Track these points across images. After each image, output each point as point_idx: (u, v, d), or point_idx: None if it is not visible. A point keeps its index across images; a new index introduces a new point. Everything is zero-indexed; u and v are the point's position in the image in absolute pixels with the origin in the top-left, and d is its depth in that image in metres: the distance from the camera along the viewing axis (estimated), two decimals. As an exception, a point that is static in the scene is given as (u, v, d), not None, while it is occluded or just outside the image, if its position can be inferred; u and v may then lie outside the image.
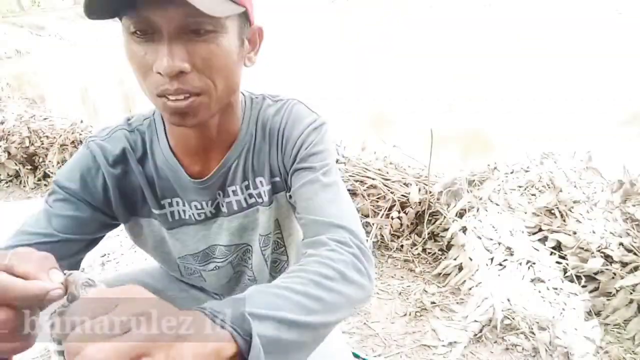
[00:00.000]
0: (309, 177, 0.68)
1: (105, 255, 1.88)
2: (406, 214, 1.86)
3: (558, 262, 1.56)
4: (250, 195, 0.75)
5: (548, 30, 12.05)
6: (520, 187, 1.86)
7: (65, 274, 0.41)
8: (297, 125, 0.71)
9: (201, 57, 0.55)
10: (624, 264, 1.48)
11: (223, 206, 0.75)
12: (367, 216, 1.89)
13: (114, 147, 0.70)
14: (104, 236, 0.74)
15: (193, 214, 0.75)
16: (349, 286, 0.56)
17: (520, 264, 1.58)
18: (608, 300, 1.44)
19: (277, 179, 0.74)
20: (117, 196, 0.70)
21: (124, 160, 0.70)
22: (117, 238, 2.00)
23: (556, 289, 1.52)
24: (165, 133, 0.71)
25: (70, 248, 0.65)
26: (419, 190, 1.89)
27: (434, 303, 1.54)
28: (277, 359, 0.44)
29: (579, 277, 1.52)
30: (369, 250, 0.63)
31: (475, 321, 1.42)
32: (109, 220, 0.72)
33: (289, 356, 0.47)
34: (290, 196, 0.74)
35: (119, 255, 1.82)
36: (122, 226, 0.77)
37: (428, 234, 1.80)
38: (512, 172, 1.94)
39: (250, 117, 0.73)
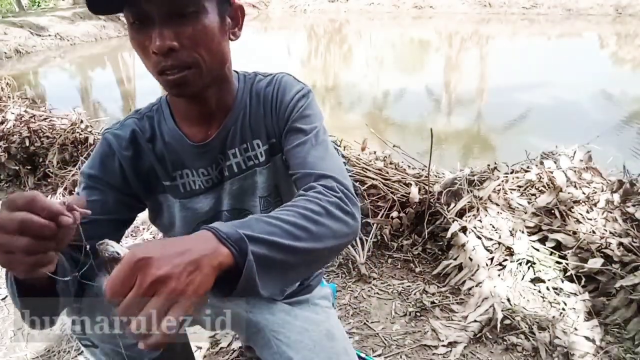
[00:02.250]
0: (301, 138, 0.76)
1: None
2: (406, 214, 1.86)
3: (558, 262, 1.56)
4: (249, 158, 0.82)
5: (548, 30, 12.05)
6: (520, 187, 1.86)
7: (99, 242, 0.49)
8: (288, 92, 0.80)
9: (187, 35, 0.65)
10: (624, 264, 1.48)
11: (225, 170, 0.82)
12: (367, 216, 1.89)
13: (125, 132, 0.79)
14: (134, 218, 0.84)
15: (202, 181, 0.82)
16: (334, 221, 0.63)
17: (520, 264, 1.58)
18: (608, 300, 1.44)
19: (274, 140, 0.81)
20: (134, 176, 0.79)
21: (135, 142, 0.80)
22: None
23: (556, 289, 1.52)
24: (171, 113, 0.81)
25: (99, 229, 0.72)
26: (419, 190, 1.89)
27: (434, 303, 1.54)
28: (267, 274, 0.53)
29: (579, 277, 1.51)
30: (354, 196, 0.70)
31: (475, 321, 1.42)
32: (132, 201, 0.81)
33: (278, 274, 0.56)
34: (284, 157, 0.82)
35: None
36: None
37: (428, 234, 1.80)
38: (512, 172, 1.94)
39: (244, 89, 0.82)
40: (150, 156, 0.80)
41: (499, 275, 1.57)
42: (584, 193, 1.73)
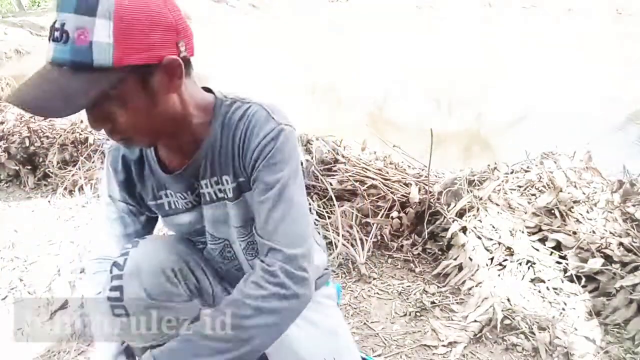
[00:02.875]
0: (264, 194, 0.74)
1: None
2: (406, 214, 1.85)
3: (558, 262, 1.56)
4: (220, 190, 0.83)
5: (548, 29, 12.05)
6: (520, 187, 1.86)
7: None
8: (256, 136, 0.75)
9: (111, 121, 0.67)
10: (624, 264, 1.48)
11: (202, 196, 0.85)
12: (367, 216, 1.89)
13: (117, 154, 0.88)
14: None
15: (182, 203, 0.87)
16: (268, 316, 0.69)
17: (520, 264, 1.58)
18: (608, 300, 1.44)
19: (242, 179, 0.81)
20: (127, 195, 0.89)
21: (125, 165, 0.87)
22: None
23: (556, 289, 1.52)
24: None
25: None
26: (419, 190, 1.89)
27: (434, 303, 1.54)
28: None
29: (579, 277, 1.51)
30: (302, 267, 0.72)
31: (475, 321, 1.42)
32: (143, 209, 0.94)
33: None
34: None
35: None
36: None
37: (428, 234, 1.80)
38: (512, 172, 1.94)
39: (218, 120, 0.79)
40: (138, 178, 0.87)
41: (499, 275, 1.57)
42: (584, 193, 1.73)
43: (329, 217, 1.88)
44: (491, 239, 1.64)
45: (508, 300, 1.49)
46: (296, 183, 0.76)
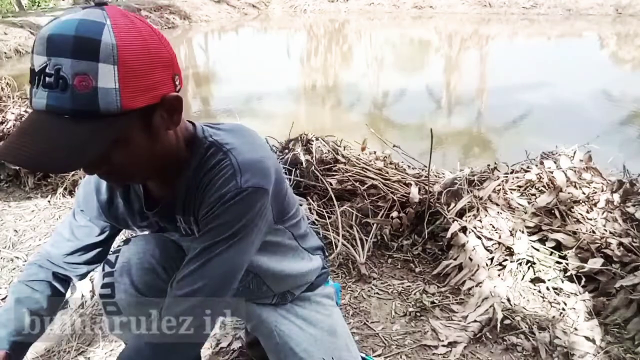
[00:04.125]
0: (194, 245, 0.74)
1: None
2: (406, 214, 1.85)
3: (558, 262, 1.56)
4: (190, 228, 0.82)
5: (547, 30, 12.05)
6: (520, 187, 1.86)
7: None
8: (213, 192, 0.72)
9: (109, 164, 0.64)
10: (624, 264, 1.48)
11: (177, 226, 0.84)
12: (367, 216, 1.89)
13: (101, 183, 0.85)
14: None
15: (165, 227, 0.86)
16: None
17: (520, 264, 1.58)
18: (608, 300, 1.44)
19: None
20: (108, 215, 0.86)
21: (110, 188, 0.84)
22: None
23: (556, 289, 1.52)
24: None
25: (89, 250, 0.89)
26: (419, 190, 1.89)
27: (434, 303, 1.54)
28: None
29: (579, 277, 1.51)
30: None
31: (475, 321, 1.42)
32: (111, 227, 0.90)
33: None
34: None
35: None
36: None
37: (428, 234, 1.80)
38: (512, 172, 1.94)
39: (196, 159, 0.75)
40: (123, 203, 0.84)
41: (499, 275, 1.57)
42: (584, 193, 1.73)
43: (329, 217, 1.88)
44: (491, 239, 1.64)
45: (508, 300, 1.49)
46: (233, 247, 0.72)
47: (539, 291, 1.54)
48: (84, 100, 0.54)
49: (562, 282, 1.53)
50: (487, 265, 1.59)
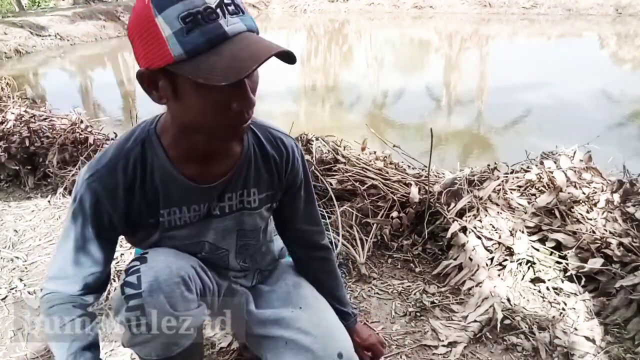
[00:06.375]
0: (297, 194, 0.98)
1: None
2: (406, 214, 1.85)
3: (558, 262, 1.56)
4: (242, 202, 0.89)
5: (547, 30, 12.05)
6: (520, 187, 1.86)
7: None
8: (288, 158, 0.92)
9: (253, 90, 0.70)
10: (624, 264, 1.48)
11: (215, 209, 0.87)
12: (367, 216, 1.89)
13: (111, 180, 0.79)
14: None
15: (189, 217, 0.85)
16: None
17: (520, 264, 1.58)
18: (608, 300, 1.44)
19: (272, 192, 0.92)
20: (118, 219, 0.81)
21: (120, 188, 0.79)
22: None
23: (556, 289, 1.52)
24: (163, 148, 0.79)
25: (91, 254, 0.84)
26: (419, 190, 1.89)
27: (434, 303, 1.54)
28: None
29: (579, 277, 1.52)
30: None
31: (475, 321, 1.42)
32: (114, 235, 0.87)
33: None
34: (272, 207, 0.97)
35: (118, 255, 1.82)
36: None
37: (428, 234, 1.80)
38: (512, 172, 1.94)
39: (253, 142, 0.87)
40: (137, 198, 0.80)
41: (499, 275, 1.57)
42: (584, 193, 1.73)
43: (329, 217, 1.88)
44: (491, 239, 1.64)
45: (508, 300, 1.49)
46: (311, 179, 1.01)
47: (539, 291, 1.54)
48: (253, 21, 0.67)
49: (562, 282, 1.53)
50: (487, 265, 1.59)
